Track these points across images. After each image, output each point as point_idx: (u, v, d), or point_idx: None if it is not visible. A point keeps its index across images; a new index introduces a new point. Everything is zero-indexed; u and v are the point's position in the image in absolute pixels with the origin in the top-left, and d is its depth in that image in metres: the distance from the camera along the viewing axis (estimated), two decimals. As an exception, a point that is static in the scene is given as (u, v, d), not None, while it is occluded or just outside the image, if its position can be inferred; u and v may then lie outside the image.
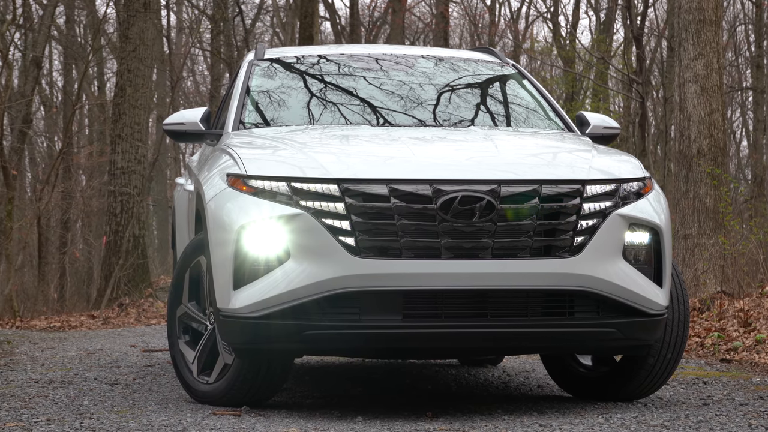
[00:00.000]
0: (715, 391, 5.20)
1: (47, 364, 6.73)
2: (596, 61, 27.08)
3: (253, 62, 5.82)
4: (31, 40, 24.27)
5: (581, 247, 4.14)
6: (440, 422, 4.16)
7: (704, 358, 7.12)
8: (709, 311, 8.64)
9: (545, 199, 4.13)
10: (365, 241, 4.03)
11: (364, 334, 4.13)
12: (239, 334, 4.24)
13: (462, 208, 4.01)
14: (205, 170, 4.87)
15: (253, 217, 4.18)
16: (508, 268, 4.09)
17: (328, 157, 4.38)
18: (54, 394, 5.01)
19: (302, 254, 4.09)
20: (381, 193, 4.06)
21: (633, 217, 4.29)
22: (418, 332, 4.14)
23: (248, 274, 4.16)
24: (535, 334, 4.23)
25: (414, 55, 6.18)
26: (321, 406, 4.82)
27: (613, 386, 4.78)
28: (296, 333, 4.12)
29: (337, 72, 5.91)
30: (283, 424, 4.09)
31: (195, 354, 4.64)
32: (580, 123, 5.37)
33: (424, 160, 4.33)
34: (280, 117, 5.40)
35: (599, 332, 4.24)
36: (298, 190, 4.15)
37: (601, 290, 4.16)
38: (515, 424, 4.09)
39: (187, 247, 4.86)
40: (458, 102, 5.65)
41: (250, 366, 4.39)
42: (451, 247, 4.03)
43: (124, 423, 4.06)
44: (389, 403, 5.08)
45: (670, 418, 4.16)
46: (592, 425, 3.99)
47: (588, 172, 4.31)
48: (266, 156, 4.56)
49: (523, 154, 4.66)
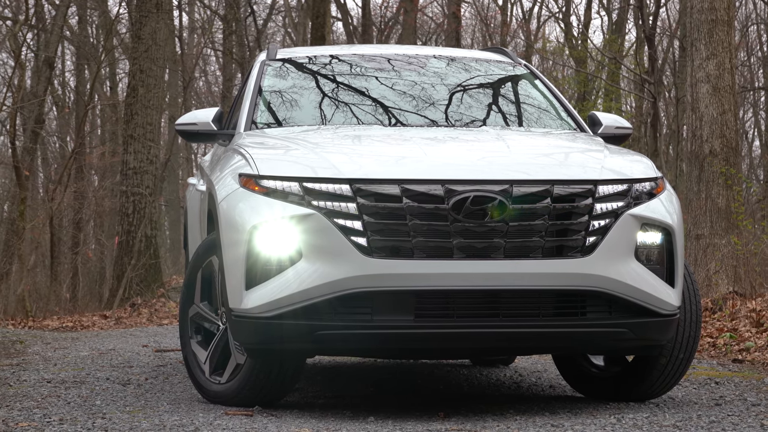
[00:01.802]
0: (728, 391, 5.17)
1: (59, 364, 6.75)
2: (608, 61, 27.50)
3: (265, 62, 5.85)
4: (43, 40, 24.41)
5: (593, 247, 4.13)
6: (452, 422, 4.15)
7: (716, 358, 7.10)
8: (721, 311, 8.61)
9: (557, 199, 4.12)
10: (377, 241, 4.03)
11: (377, 334, 4.13)
12: (251, 334, 4.24)
13: (474, 208, 4.01)
14: (217, 170, 4.89)
15: (266, 217, 4.18)
16: (520, 268, 4.08)
17: (340, 157, 4.38)
18: (66, 394, 5.02)
19: (314, 254, 4.10)
20: (393, 193, 4.06)
21: (645, 218, 4.29)
22: (430, 332, 4.13)
23: (260, 274, 4.16)
24: (547, 335, 4.21)
25: (426, 55, 6.21)
26: (333, 406, 4.83)
27: (625, 386, 4.78)
28: (308, 333, 4.12)
29: (348, 72, 5.94)
30: (295, 424, 4.08)
31: (207, 354, 4.65)
32: (592, 123, 5.37)
33: (436, 161, 4.33)
34: (292, 117, 5.42)
35: (611, 332, 4.23)
36: (310, 190, 4.15)
37: (613, 290, 4.15)
38: (527, 424, 4.08)
39: (199, 247, 4.87)
40: (470, 102, 5.68)
41: (262, 366, 4.40)
42: (463, 247, 4.03)
43: (136, 423, 4.06)
44: (401, 403, 5.08)
45: (682, 419, 4.14)
46: (604, 425, 3.97)
47: (600, 172, 4.31)
48: (278, 156, 4.57)
49: (534, 154, 4.65)
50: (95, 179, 28.37)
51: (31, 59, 25.78)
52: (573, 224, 4.12)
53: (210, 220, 4.84)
